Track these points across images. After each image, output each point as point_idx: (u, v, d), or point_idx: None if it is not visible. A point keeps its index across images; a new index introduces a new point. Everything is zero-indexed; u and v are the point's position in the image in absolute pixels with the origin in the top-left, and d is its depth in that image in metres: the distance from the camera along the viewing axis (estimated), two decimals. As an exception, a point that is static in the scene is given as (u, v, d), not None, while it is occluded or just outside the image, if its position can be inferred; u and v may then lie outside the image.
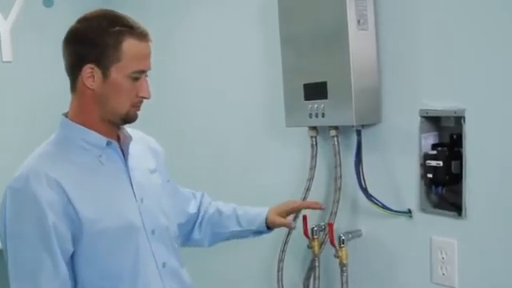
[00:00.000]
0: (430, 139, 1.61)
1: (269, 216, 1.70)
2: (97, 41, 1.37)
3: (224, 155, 2.32)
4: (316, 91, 1.71)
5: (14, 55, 2.66)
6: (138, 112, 1.45)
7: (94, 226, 1.35)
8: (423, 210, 1.63)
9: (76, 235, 1.35)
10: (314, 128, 1.83)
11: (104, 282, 1.39)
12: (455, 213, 1.54)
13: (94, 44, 1.37)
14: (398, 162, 1.69)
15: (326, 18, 1.66)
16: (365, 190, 1.72)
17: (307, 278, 1.94)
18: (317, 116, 1.72)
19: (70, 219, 1.33)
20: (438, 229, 1.60)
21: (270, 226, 1.71)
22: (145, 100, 1.45)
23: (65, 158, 1.40)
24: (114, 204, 1.41)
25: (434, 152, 1.57)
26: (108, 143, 1.43)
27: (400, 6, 1.63)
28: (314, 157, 1.87)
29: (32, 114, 2.70)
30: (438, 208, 1.60)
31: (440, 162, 1.54)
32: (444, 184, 1.56)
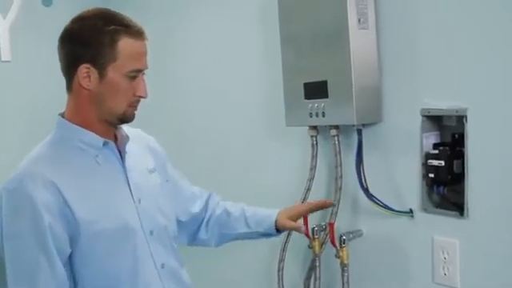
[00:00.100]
0: (431, 138, 1.60)
1: (279, 219, 1.66)
2: (92, 40, 1.35)
3: (224, 155, 2.31)
4: (316, 90, 1.70)
5: (12, 55, 2.64)
6: (135, 111, 1.44)
7: (90, 227, 1.34)
8: (425, 209, 1.62)
9: (73, 236, 1.34)
10: (315, 127, 1.83)
11: (103, 282, 1.38)
12: (457, 212, 1.54)
13: (89, 44, 1.36)
14: (399, 162, 1.68)
15: (327, 16, 1.66)
16: (366, 190, 1.72)
17: (308, 278, 1.94)
18: (317, 115, 1.72)
19: (67, 220, 1.33)
20: (440, 229, 1.59)
21: (279, 229, 1.67)
22: (143, 99, 1.44)
23: (61, 159, 1.39)
24: (111, 205, 1.40)
25: (436, 151, 1.56)
26: (105, 143, 1.42)
27: (401, 5, 1.63)
28: (314, 156, 1.86)
29: (31, 113, 2.68)
30: (440, 208, 1.60)
31: (442, 162, 1.54)
32: (446, 184, 1.56)
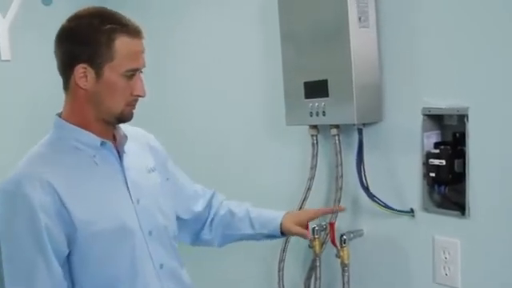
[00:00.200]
0: (432, 138, 1.59)
1: (284, 222, 1.64)
2: (88, 40, 1.34)
3: (224, 155, 2.31)
4: (317, 89, 1.70)
5: (12, 54, 2.63)
6: (133, 111, 1.42)
7: (88, 227, 1.34)
8: (426, 209, 1.61)
9: (70, 237, 1.33)
10: (315, 127, 1.82)
11: (102, 282, 1.37)
12: (458, 212, 1.53)
13: (85, 43, 1.34)
14: (400, 161, 1.67)
15: (327, 15, 1.65)
16: (366, 190, 1.71)
17: (308, 278, 1.93)
18: (317, 114, 1.71)
19: (64, 221, 1.32)
20: (441, 228, 1.58)
21: (284, 232, 1.66)
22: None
23: (58, 159, 1.38)
24: (109, 205, 1.39)
25: (437, 151, 1.55)
26: (102, 143, 1.41)
27: (401, 3, 1.62)
28: (314, 156, 1.85)
29: (31, 112, 2.68)
30: (441, 207, 1.59)
31: (443, 161, 1.53)
32: (447, 183, 1.55)
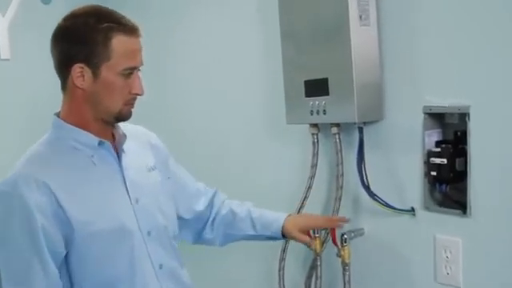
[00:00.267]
0: (433, 136, 1.58)
1: (287, 225, 1.64)
2: (85, 39, 1.33)
3: (224, 154, 2.30)
4: (317, 88, 1.69)
5: (12, 53, 2.63)
6: (131, 109, 1.42)
7: (85, 228, 1.33)
8: (427, 208, 1.60)
9: (68, 237, 1.33)
10: (315, 125, 1.81)
11: (101, 282, 1.37)
12: (460, 211, 1.52)
13: (82, 42, 1.33)
14: (400, 160, 1.66)
15: (327, 13, 1.64)
16: (367, 188, 1.70)
17: (309, 278, 1.92)
18: (318, 113, 1.70)
19: (61, 221, 1.31)
20: (443, 227, 1.58)
21: (285, 235, 1.65)
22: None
23: (55, 160, 1.37)
24: (107, 206, 1.38)
25: (438, 149, 1.55)
26: (100, 143, 1.40)
27: (402, 1, 1.61)
28: (315, 154, 1.84)
29: (31, 111, 2.68)
30: (442, 206, 1.58)
31: (444, 160, 1.52)
32: (448, 182, 1.54)
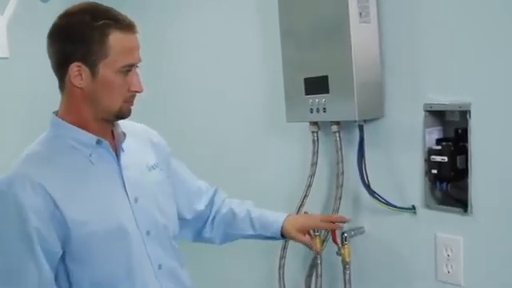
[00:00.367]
0: (434, 134, 1.58)
1: (286, 226, 1.63)
2: (81, 37, 1.31)
3: (224, 153, 2.29)
4: (317, 85, 1.68)
5: (10, 51, 2.62)
6: (131, 107, 1.40)
7: (82, 228, 1.32)
8: (428, 206, 1.60)
9: (65, 237, 1.32)
10: (316, 123, 1.80)
11: (100, 282, 1.36)
12: (461, 209, 1.52)
13: (78, 41, 1.32)
14: (401, 158, 1.66)
15: (327, 10, 1.63)
16: (367, 187, 1.69)
17: (309, 276, 1.92)
18: (318, 111, 1.69)
19: (57, 222, 1.30)
20: (443, 225, 1.57)
21: (284, 235, 1.65)
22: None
23: (52, 159, 1.36)
24: (104, 205, 1.37)
25: (439, 147, 1.54)
26: (98, 142, 1.39)
27: (403, -2, 1.60)
28: (315, 153, 1.84)
29: (30, 110, 2.67)
30: (443, 204, 1.58)
31: (445, 158, 1.52)
32: (449, 180, 1.54)
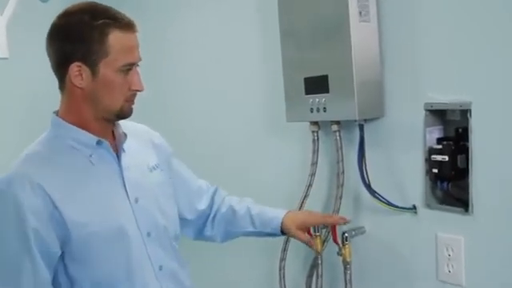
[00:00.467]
0: (434, 133, 1.57)
1: (286, 222, 1.63)
2: (81, 37, 1.31)
3: (224, 153, 2.28)
4: (317, 85, 1.68)
5: (10, 51, 2.62)
6: (132, 106, 1.40)
7: (82, 229, 1.32)
8: (428, 205, 1.59)
9: (65, 237, 1.31)
10: (316, 123, 1.80)
11: (101, 282, 1.36)
12: (462, 209, 1.51)
13: (78, 40, 1.32)
14: (402, 157, 1.65)
15: (327, 9, 1.63)
16: (368, 186, 1.69)
17: (310, 276, 1.91)
18: (318, 110, 1.69)
19: (57, 223, 1.30)
20: (444, 225, 1.57)
21: (284, 232, 1.65)
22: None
23: (52, 160, 1.36)
24: (105, 206, 1.36)
25: (440, 146, 1.54)
26: (98, 142, 1.39)
27: (403, -3, 1.60)
28: (315, 152, 1.83)
29: (30, 110, 2.66)
30: (444, 204, 1.57)
31: (445, 157, 1.51)
32: (450, 179, 1.53)
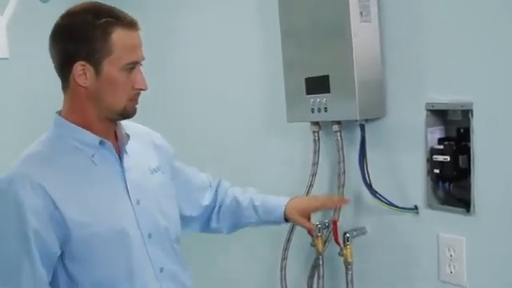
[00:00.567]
0: (436, 133, 1.57)
1: (288, 210, 1.64)
2: (84, 36, 1.32)
3: (225, 154, 2.28)
4: (318, 85, 1.67)
5: (10, 51, 2.61)
6: (136, 105, 1.40)
7: (83, 229, 1.31)
8: (430, 206, 1.59)
9: (65, 238, 1.31)
10: (317, 123, 1.80)
11: (101, 282, 1.35)
12: (463, 209, 1.51)
13: (81, 40, 1.32)
14: (403, 157, 1.65)
15: (328, 10, 1.62)
16: (369, 187, 1.68)
17: (311, 277, 1.91)
18: (319, 111, 1.68)
19: (57, 223, 1.30)
20: (446, 226, 1.56)
21: (288, 220, 1.67)
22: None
23: (53, 160, 1.35)
24: (107, 207, 1.36)
25: (441, 146, 1.53)
26: (101, 142, 1.38)
27: (404, -4, 1.59)
28: (316, 152, 1.83)
29: (30, 111, 2.66)
30: (446, 204, 1.57)
31: (447, 157, 1.51)
32: (451, 179, 1.53)
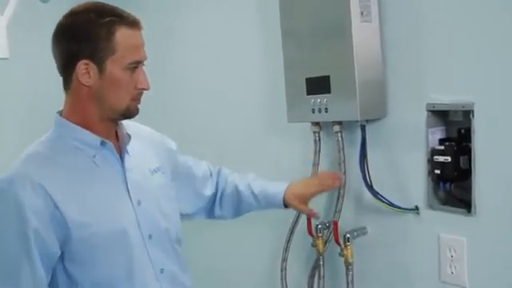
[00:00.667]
0: (437, 134, 1.57)
1: (287, 196, 1.66)
2: (88, 35, 1.31)
3: (225, 154, 2.27)
4: (319, 85, 1.67)
5: (10, 52, 2.61)
6: (138, 105, 1.40)
7: (83, 229, 1.31)
8: (431, 206, 1.59)
9: (65, 238, 1.30)
10: (317, 123, 1.79)
11: (101, 283, 1.35)
12: (464, 210, 1.51)
13: (85, 39, 1.32)
14: (404, 158, 1.64)
15: (329, 9, 1.62)
16: (370, 187, 1.68)
17: (311, 277, 1.91)
18: (320, 111, 1.68)
19: (58, 223, 1.29)
20: (447, 226, 1.56)
21: (287, 205, 1.68)
22: (145, 95, 1.40)
23: (54, 160, 1.35)
24: (108, 207, 1.35)
25: (442, 147, 1.53)
26: (102, 143, 1.38)
27: (404, -3, 1.59)
28: (317, 153, 1.83)
29: (30, 111, 2.66)
30: (447, 205, 1.57)
31: (448, 158, 1.51)
32: (452, 180, 1.53)
